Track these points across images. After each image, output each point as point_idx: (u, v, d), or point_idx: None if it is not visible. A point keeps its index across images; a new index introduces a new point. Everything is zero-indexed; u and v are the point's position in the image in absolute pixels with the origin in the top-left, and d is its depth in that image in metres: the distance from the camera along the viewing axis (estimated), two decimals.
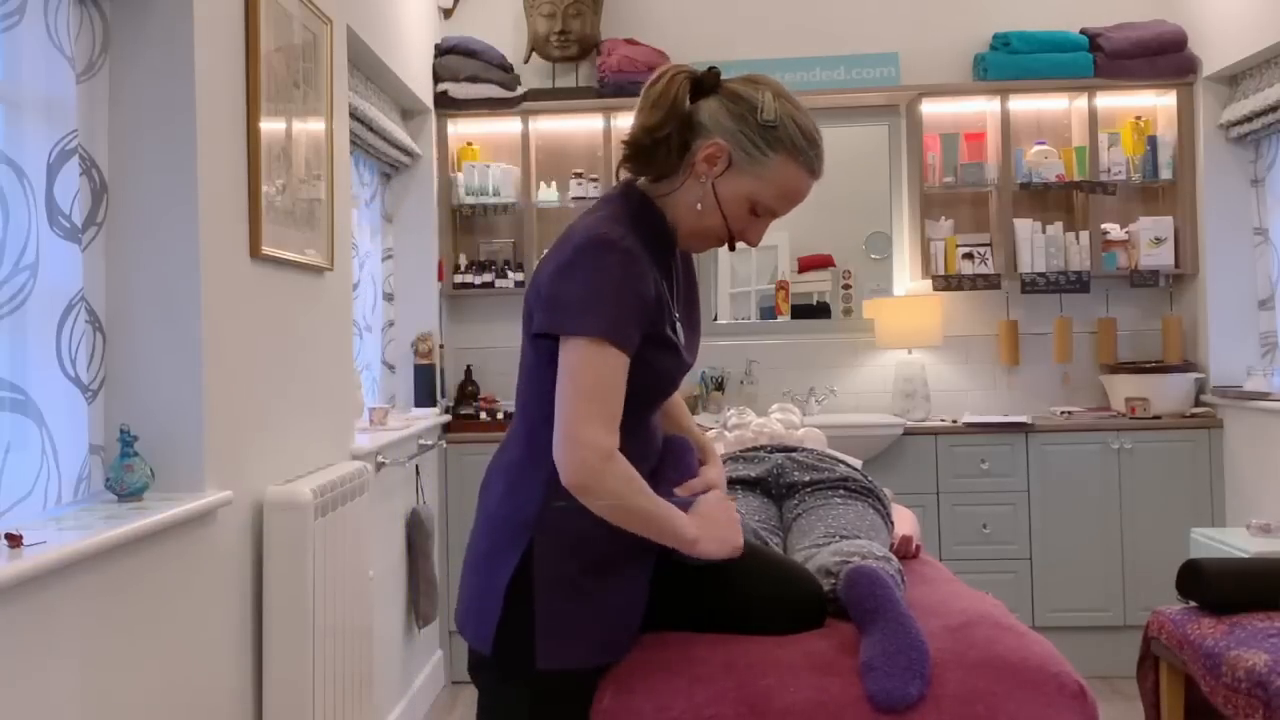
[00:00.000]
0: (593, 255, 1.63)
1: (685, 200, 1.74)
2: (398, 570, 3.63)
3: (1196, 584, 2.63)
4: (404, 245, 4.40)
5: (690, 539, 1.68)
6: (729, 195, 1.72)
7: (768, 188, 1.72)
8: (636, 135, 1.72)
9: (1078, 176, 4.44)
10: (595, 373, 1.60)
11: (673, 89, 1.71)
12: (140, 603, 1.83)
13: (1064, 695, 1.70)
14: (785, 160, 1.71)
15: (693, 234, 1.77)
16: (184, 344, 2.04)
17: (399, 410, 4.14)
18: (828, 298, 4.74)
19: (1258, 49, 3.90)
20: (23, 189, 1.81)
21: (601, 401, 1.60)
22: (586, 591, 1.69)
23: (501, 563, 1.69)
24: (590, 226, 1.68)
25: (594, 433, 1.59)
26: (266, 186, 2.35)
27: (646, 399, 1.74)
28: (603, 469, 1.59)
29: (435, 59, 4.50)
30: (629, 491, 1.62)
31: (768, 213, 1.75)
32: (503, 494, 1.74)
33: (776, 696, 1.70)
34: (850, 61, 4.52)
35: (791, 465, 2.51)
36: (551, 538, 1.68)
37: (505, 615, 1.68)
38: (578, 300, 1.61)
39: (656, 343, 1.70)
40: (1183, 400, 4.29)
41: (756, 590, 1.85)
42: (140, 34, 2.06)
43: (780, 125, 1.70)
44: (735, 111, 1.71)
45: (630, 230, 1.67)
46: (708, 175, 1.71)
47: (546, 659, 1.67)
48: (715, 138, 1.70)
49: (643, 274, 1.64)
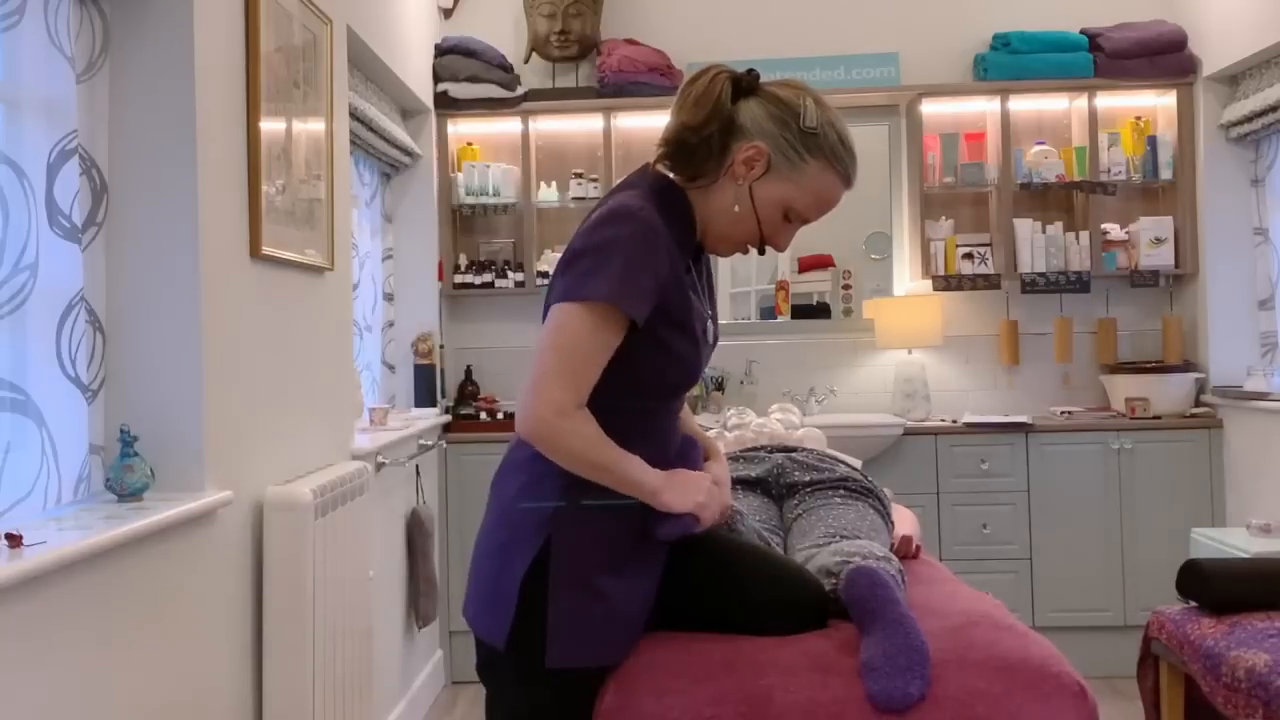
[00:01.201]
0: (610, 225, 1.62)
1: (720, 201, 1.72)
2: (398, 570, 3.63)
3: (1196, 584, 2.63)
4: (404, 245, 4.40)
5: (651, 489, 1.67)
6: (765, 199, 1.71)
7: (804, 194, 1.71)
8: (679, 133, 1.70)
9: (1078, 176, 4.44)
10: (577, 333, 1.59)
11: (716, 88, 1.69)
12: (140, 603, 1.83)
13: (1064, 695, 1.70)
14: (823, 167, 1.71)
15: (722, 237, 1.76)
16: (184, 344, 2.04)
17: (399, 410, 4.14)
18: (828, 298, 4.74)
19: (1258, 49, 3.91)
20: (23, 189, 1.81)
21: (572, 360, 1.59)
22: (599, 592, 1.69)
23: (517, 557, 1.68)
24: (612, 203, 1.67)
25: (555, 389, 1.58)
26: (266, 186, 2.35)
27: (662, 386, 1.72)
28: (556, 424, 1.59)
29: (435, 59, 4.50)
30: (585, 448, 1.61)
31: (799, 219, 1.75)
32: (521, 488, 1.72)
33: (776, 696, 1.70)
34: (850, 61, 4.52)
35: (791, 465, 2.51)
36: (569, 537, 1.67)
37: (519, 611, 1.67)
38: (588, 267, 1.60)
39: (672, 324, 1.68)
40: (1183, 400, 4.29)
41: (758, 590, 1.85)
42: (140, 34, 2.06)
43: (821, 133, 1.70)
44: (778, 116, 1.70)
45: (654, 209, 1.65)
46: (745, 178, 1.70)
47: (556, 658, 1.67)
48: (756, 140, 1.69)
49: (659, 246, 1.62)
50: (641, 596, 1.76)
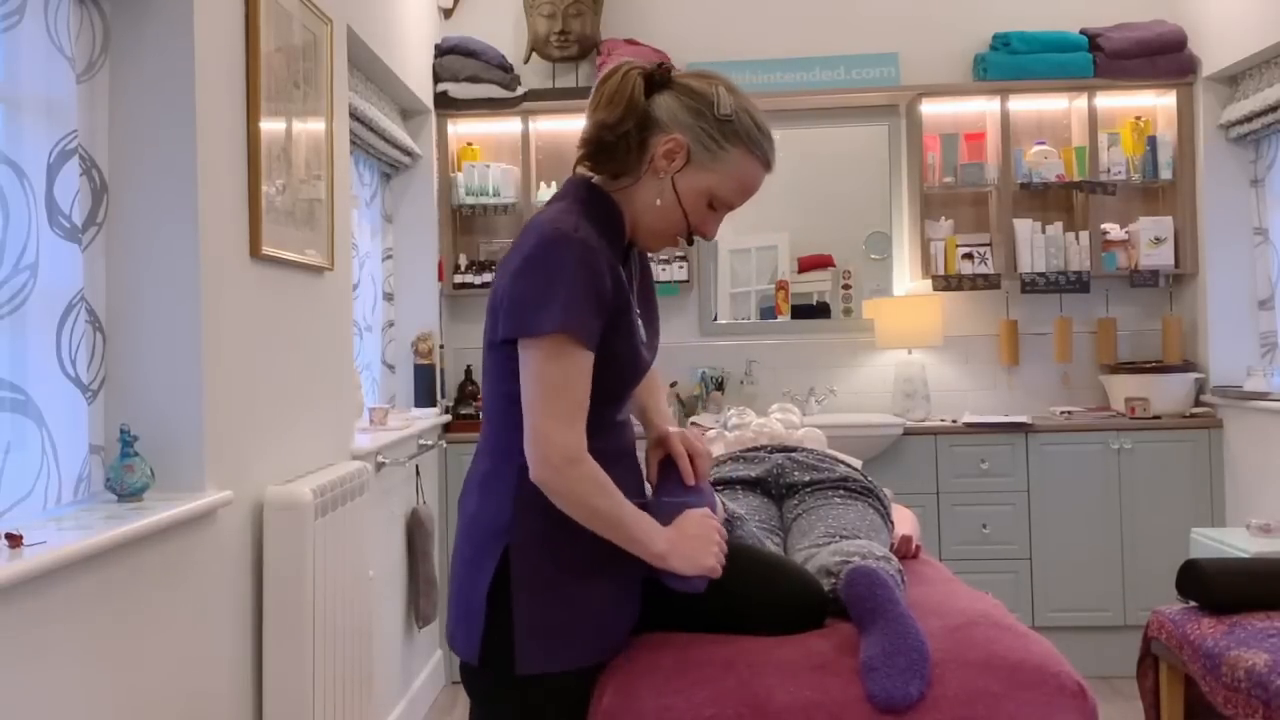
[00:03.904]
0: (547, 252, 1.63)
1: (644, 196, 1.74)
2: (398, 570, 3.63)
3: (1196, 584, 2.63)
4: (404, 245, 4.40)
5: (658, 552, 1.67)
6: (688, 189, 1.72)
7: (726, 181, 1.73)
8: (596, 132, 1.73)
9: (1078, 176, 4.44)
10: (557, 370, 1.61)
11: (628, 84, 1.71)
12: (140, 603, 1.83)
13: (1064, 695, 1.70)
14: (743, 154, 1.72)
15: (652, 233, 1.77)
16: (184, 344, 2.04)
17: (399, 410, 4.14)
18: (828, 298, 4.74)
19: (1258, 49, 3.91)
20: (23, 189, 1.81)
21: (565, 399, 1.61)
22: (566, 593, 1.69)
23: (481, 571, 1.70)
24: (544, 223, 1.68)
25: (560, 432, 1.60)
26: (266, 186, 2.35)
27: (611, 394, 1.73)
28: (567, 470, 1.60)
29: (435, 59, 4.50)
30: (595, 493, 1.62)
31: (724, 206, 1.76)
32: (478, 504, 1.75)
33: (776, 696, 1.70)
34: (850, 61, 4.52)
35: (791, 465, 2.51)
36: (525, 541, 1.68)
37: (488, 623, 1.69)
38: (536, 299, 1.61)
39: (618, 334, 1.69)
40: (1183, 400, 4.29)
41: (755, 590, 1.85)
42: (140, 34, 2.06)
43: (737, 119, 1.71)
44: (692, 106, 1.71)
45: (585, 222, 1.67)
46: (667, 171, 1.72)
47: (527, 664, 1.67)
48: (674, 133, 1.71)
49: (599, 265, 1.63)
50: (617, 595, 1.74)
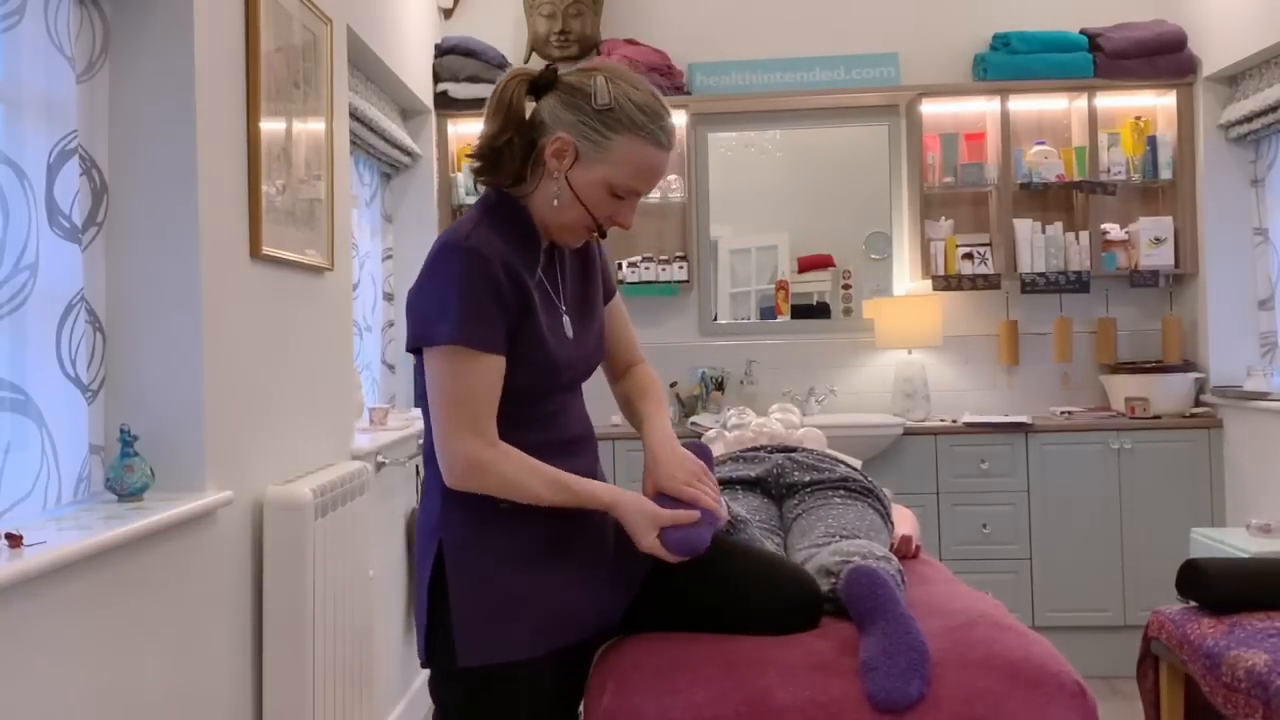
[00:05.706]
0: (439, 263, 1.68)
1: (543, 198, 1.76)
2: (398, 570, 3.63)
3: (1196, 584, 2.63)
4: (404, 245, 4.40)
5: (607, 502, 1.73)
6: (584, 185, 1.73)
7: (621, 169, 1.73)
8: (483, 144, 1.75)
9: (1078, 176, 4.44)
10: (455, 380, 1.65)
11: (507, 94, 1.73)
12: (140, 603, 1.83)
13: (1064, 695, 1.70)
14: (630, 139, 1.72)
15: (561, 229, 1.78)
16: (184, 344, 2.04)
17: (399, 410, 4.14)
18: (828, 298, 4.74)
19: (1258, 49, 3.90)
20: (23, 189, 1.81)
21: (465, 407, 1.65)
22: (501, 584, 1.70)
23: (423, 568, 1.74)
24: (444, 235, 1.72)
25: (461, 440, 1.65)
26: (266, 186, 2.35)
27: (533, 391, 1.75)
28: (473, 476, 1.66)
29: (435, 59, 4.50)
30: (517, 483, 1.67)
31: (630, 193, 1.76)
32: (421, 506, 1.81)
33: (776, 696, 1.70)
34: (850, 61, 4.52)
35: (791, 465, 2.52)
36: (455, 535, 1.71)
37: (430, 618, 1.71)
38: (430, 310, 1.66)
39: (528, 338, 1.71)
40: (1183, 400, 4.29)
41: (751, 590, 1.86)
42: (140, 34, 2.06)
43: (617, 106, 1.71)
44: (571, 103, 1.73)
45: (489, 230, 1.70)
46: (559, 170, 1.73)
47: (467, 656, 1.68)
48: (558, 132, 1.72)
49: (492, 270, 1.65)
50: (557, 587, 1.74)
